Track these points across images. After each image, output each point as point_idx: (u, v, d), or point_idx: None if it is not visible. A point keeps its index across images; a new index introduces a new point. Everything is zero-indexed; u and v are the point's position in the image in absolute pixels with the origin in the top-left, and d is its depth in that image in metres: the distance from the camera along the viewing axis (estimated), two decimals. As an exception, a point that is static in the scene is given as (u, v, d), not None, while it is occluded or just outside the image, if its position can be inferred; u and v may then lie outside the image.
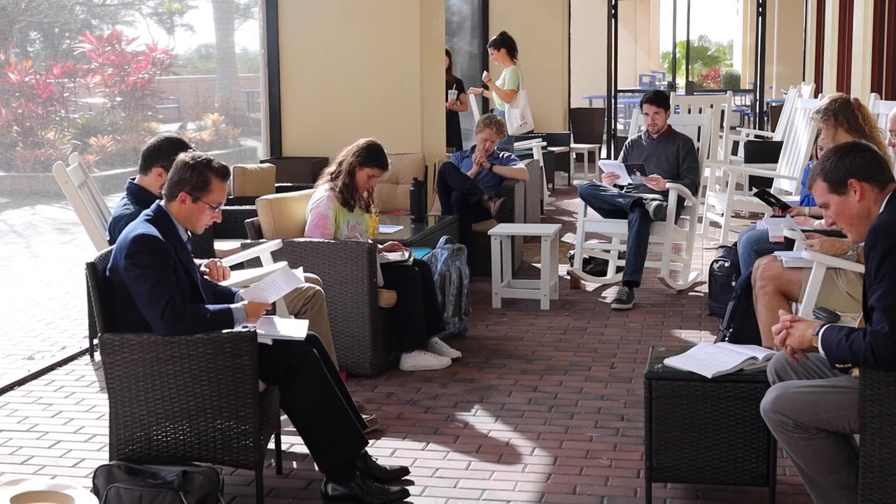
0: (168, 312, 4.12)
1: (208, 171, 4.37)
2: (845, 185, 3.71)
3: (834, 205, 3.76)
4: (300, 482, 4.68)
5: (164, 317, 4.12)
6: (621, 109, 20.51)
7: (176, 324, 4.14)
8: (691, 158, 8.31)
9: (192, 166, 4.37)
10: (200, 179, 4.36)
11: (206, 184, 4.37)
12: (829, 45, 14.14)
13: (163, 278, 4.16)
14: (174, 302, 4.14)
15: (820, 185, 3.78)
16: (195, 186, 4.35)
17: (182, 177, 4.37)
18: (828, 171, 3.76)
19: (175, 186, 4.37)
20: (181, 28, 30.84)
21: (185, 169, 4.37)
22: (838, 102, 6.21)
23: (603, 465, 4.81)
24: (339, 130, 7.57)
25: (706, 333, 6.87)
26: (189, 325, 4.16)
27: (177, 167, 4.40)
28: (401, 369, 6.24)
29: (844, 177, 3.72)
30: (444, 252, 6.86)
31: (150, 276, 4.14)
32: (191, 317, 4.17)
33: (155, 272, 4.15)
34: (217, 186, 4.40)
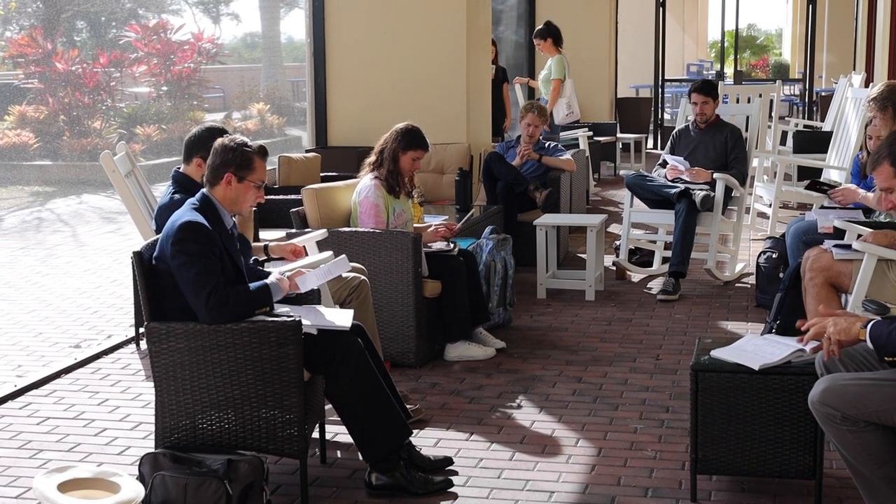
0: (212, 300, 4.15)
1: (249, 150, 4.43)
2: None
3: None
4: (344, 471, 4.69)
5: (208, 304, 4.15)
6: (668, 99, 20.37)
7: (220, 311, 4.16)
8: (739, 149, 8.23)
9: (233, 148, 4.41)
10: (243, 159, 4.40)
11: (250, 162, 4.41)
12: (881, 34, 13.96)
13: (208, 266, 4.18)
14: (218, 289, 4.16)
15: (886, 169, 3.69)
16: (239, 166, 4.39)
17: (225, 159, 4.40)
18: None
19: (219, 170, 4.40)
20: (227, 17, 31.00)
21: (227, 151, 4.41)
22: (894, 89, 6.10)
23: (647, 456, 4.78)
24: (384, 120, 7.54)
25: (753, 325, 6.81)
26: (233, 310, 4.19)
27: (216, 151, 4.43)
28: (445, 359, 6.24)
29: None
30: (490, 242, 6.84)
31: (195, 264, 4.17)
32: (233, 301, 4.20)
33: (201, 259, 4.18)
34: (259, 164, 4.45)
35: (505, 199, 8.41)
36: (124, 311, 7.52)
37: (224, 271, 4.27)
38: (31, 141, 17.63)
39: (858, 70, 16.00)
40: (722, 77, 23.14)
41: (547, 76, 12.23)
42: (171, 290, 4.26)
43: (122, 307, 7.66)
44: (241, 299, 4.24)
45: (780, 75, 29.48)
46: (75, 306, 7.86)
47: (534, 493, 4.45)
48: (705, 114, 8.25)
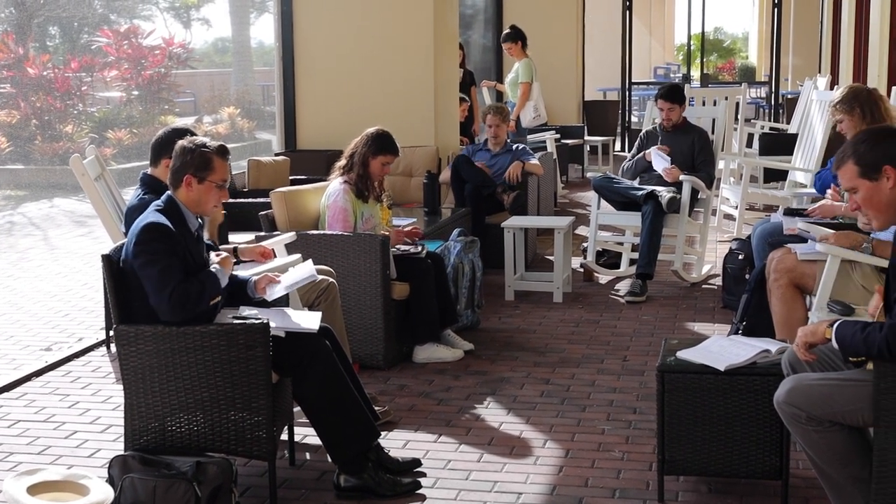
0: (174, 295, 4.16)
1: (207, 150, 4.41)
2: (879, 170, 3.59)
3: (863, 190, 3.65)
4: (313, 473, 4.70)
5: (171, 299, 4.16)
6: (636, 102, 20.47)
7: (183, 303, 4.18)
8: (706, 151, 8.28)
9: (191, 149, 4.41)
10: (202, 160, 4.39)
11: (209, 163, 4.40)
12: (845, 37, 14.09)
13: (170, 265, 4.19)
14: (179, 288, 4.18)
15: (850, 168, 3.65)
16: (198, 167, 4.38)
17: (183, 161, 4.40)
18: (862, 155, 3.63)
19: (179, 172, 4.40)
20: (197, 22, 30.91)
21: (185, 153, 4.41)
22: (859, 92, 6.13)
23: (615, 457, 4.81)
24: (352, 123, 7.55)
25: (720, 326, 6.86)
26: (198, 300, 4.22)
27: (176, 154, 4.44)
28: (413, 361, 6.25)
29: (879, 163, 3.59)
30: (457, 244, 6.86)
31: (157, 263, 4.19)
32: (196, 293, 4.22)
33: (163, 259, 4.19)
34: (219, 164, 4.43)
35: (473, 201, 8.44)
36: (95, 314, 7.49)
37: (187, 272, 4.27)
38: (3, 145, 17.58)
39: (824, 73, 16.13)
40: (688, 80, 23.27)
41: (514, 79, 12.27)
42: (139, 293, 4.26)
43: (93, 310, 7.64)
44: (195, 289, 4.24)
45: (746, 78, 29.66)
46: (46, 309, 7.82)
47: (502, 494, 4.47)
48: (671, 119, 8.29)
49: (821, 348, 3.81)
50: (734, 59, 36.68)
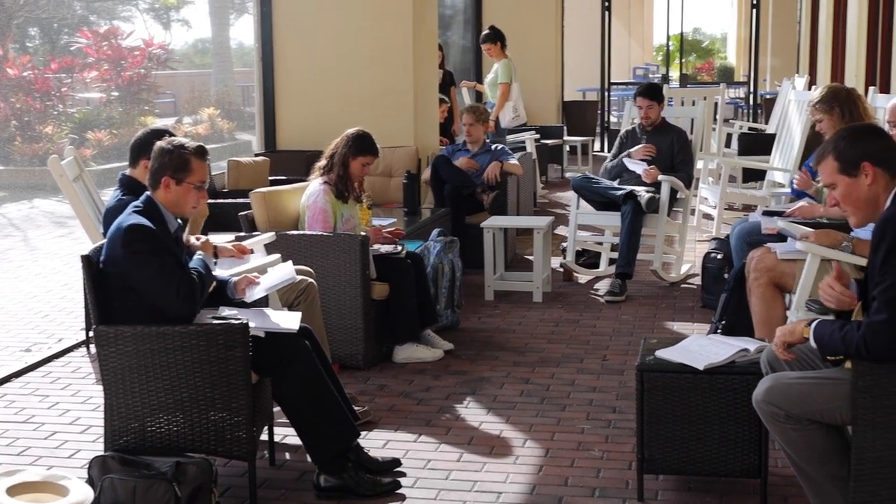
0: (183, 289, 4.21)
1: (185, 151, 4.41)
2: (858, 167, 3.62)
3: (842, 186, 3.66)
4: (293, 473, 4.69)
5: (180, 294, 4.20)
6: (615, 102, 20.51)
7: (193, 297, 4.25)
8: (685, 151, 8.31)
9: (169, 151, 4.40)
10: (180, 161, 4.38)
11: (186, 164, 4.39)
12: (823, 38, 14.16)
13: (165, 262, 4.23)
14: (184, 279, 4.24)
15: (830, 164, 3.67)
16: (176, 168, 4.38)
17: (161, 163, 4.39)
18: (842, 151, 3.65)
19: (157, 174, 4.40)
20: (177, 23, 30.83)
21: (163, 155, 4.40)
22: (838, 91, 6.15)
23: (595, 456, 4.83)
24: (332, 124, 7.54)
25: (699, 325, 6.89)
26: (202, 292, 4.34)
27: (154, 155, 4.43)
28: (393, 361, 6.25)
29: (858, 159, 3.61)
30: (437, 244, 6.87)
31: (153, 262, 4.21)
32: (201, 286, 4.33)
33: (157, 257, 4.20)
34: (197, 165, 4.42)
35: (452, 201, 8.45)
36: (75, 314, 7.47)
37: (174, 274, 4.27)
38: (-17, 146, 17.54)
39: (802, 73, 16.19)
40: (667, 80, 23.40)
41: (494, 80, 12.28)
42: (119, 293, 4.25)
43: (73, 311, 7.61)
44: (197, 283, 4.31)
45: (724, 78, 29.77)
46: (26, 310, 7.79)
47: (482, 493, 4.47)
48: (650, 117, 8.32)
49: (799, 347, 3.82)
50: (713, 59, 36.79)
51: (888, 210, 3.57)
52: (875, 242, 3.52)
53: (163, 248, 4.26)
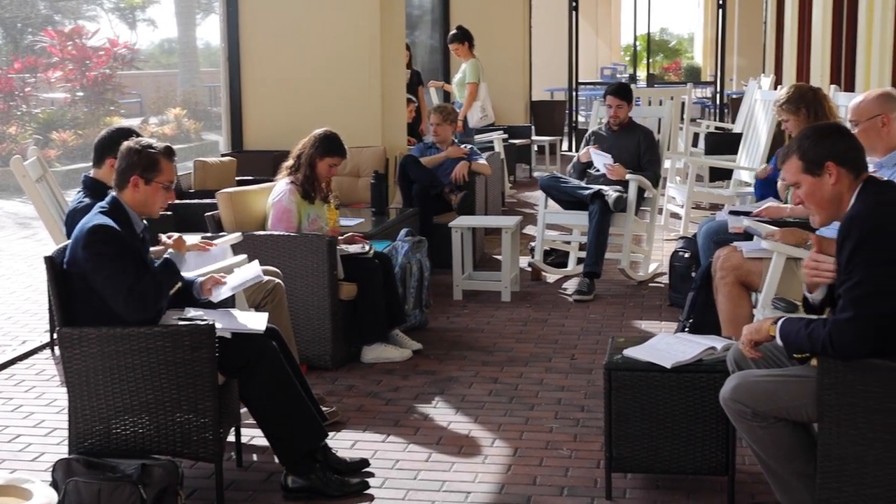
0: (133, 295, 4.14)
1: (154, 151, 4.38)
2: (822, 167, 3.64)
3: (806, 185, 3.69)
4: (260, 475, 4.67)
5: (129, 300, 4.13)
6: (582, 102, 20.55)
7: (144, 303, 4.17)
8: (653, 151, 8.34)
9: (138, 150, 4.36)
10: (149, 161, 4.35)
11: (156, 164, 4.36)
12: (788, 38, 14.24)
13: (122, 265, 4.16)
14: (136, 286, 4.15)
15: (795, 163, 3.70)
16: (145, 168, 4.34)
17: (130, 162, 4.35)
18: (806, 150, 3.67)
19: (125, 173, 4.36)
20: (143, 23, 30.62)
21: (132, 154, 4.37)
22: (804, 92, 6.16)
23: (563, 455, 4.83)
24: (299, 124, 7.52)
25: (666, 324, 6.90)
26: (155, 301, 4.22)
27: (122, 155, 4.39)
28: (362, 362, 6.23)
29: (822, 159, 3.64)
30: (405, 244, 6.85)
31: (109, 265, 4.15)
32: (154, 290, 4.21)
33: (114, 261, 4.16)
34: (166, 165, 4.40)
35: (420, 201, 8.43)
36: (39, 316, 7.41)
37: (138, 276, 4.22)
38: (-54, 146, 17.33)
39: (768, 73, 16.28)
40: (635, 80, 23.46)
41: (461, 80, 12.28)
42: (83, 295, 4.21)
43: (37, 313, 7.54)
44: (153, 287, 4.23)
45: (691, 78, 29.88)
46: (-11, 312, 7.73)
47: (450, 493, 4.46)
48: (618, 117, 8.34)
49: (766, 345, 3.84)
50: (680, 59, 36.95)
51: (852, 209, 3.59)
52: (840, 241, 3.54)
53: (125, 251, 4.20)
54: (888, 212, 3.51)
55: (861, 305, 3.42)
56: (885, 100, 4.92)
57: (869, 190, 3.62)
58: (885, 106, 4.88)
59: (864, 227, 3.46)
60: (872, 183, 3.66)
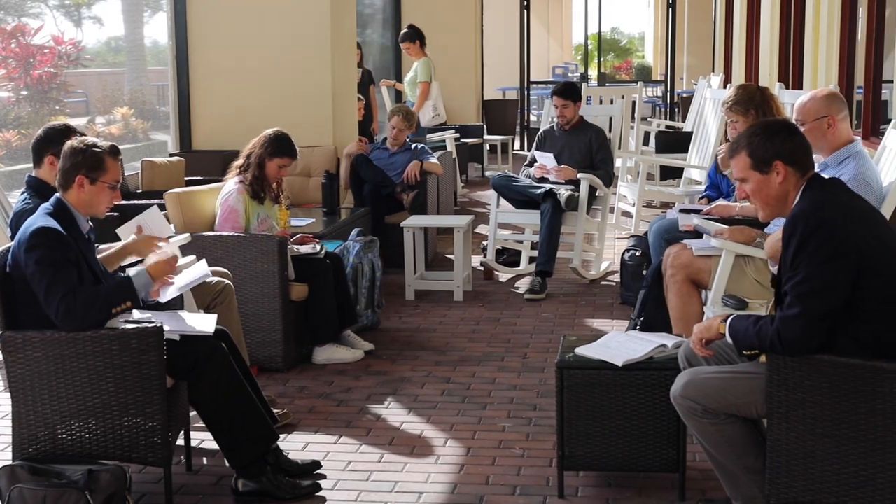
0: (62, 307, 4.03)
1: (99, 150, 4.31)
2: (770, 164, 3.67)
3: (753, 182, 3.72)
4: (210, 478, 4.62)
5: (58, 312, 4.03)
6: (534, 101, 20.61)
7: (72, 316, 4.04)
8: (605, 150, 8.36)
9: (82, 150, 4.29)
10: (94, 160, 4.28)
11: (101, 163, 4.29)
12: (737, 37, 14.37)
13: (62, 273, 4.06)
14: (67, 296, 4.04)
15: (743, 160, 3.73)
16: (90, 167, 4.27)
17: (75, 161, 4.28)
18: (755, 148, 3.71)
19: (69, 173, 4.28)
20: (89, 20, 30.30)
21: (76, 153, 4.29)
22: (752, 93, 6.18)
23: (515, 454, 4.82)
24: (249, 123, 7.48)
25: (618, 322, 6.92)
26: (85, 312, 4.06)
27: (66, 154, 4.31)
28: (313, 363, 6.19)
29: (771, 157, 3.67)
30: (357, 244, 6.82)
31: (48, 272, 4.05)
32: (83, 303, 4.06)
33: (54, 266, 4.06)
34: (111, 164, 4.33)
35: (372, 201, 8.40)
36: (-19, 321, 7.27)
37: (82, 278, 4.16)
38: None
39: (717, 71, 16.42)
40: (586, 79, 23.54)
41: (413, 79, 12.26)
42: (26, 298, 4.13)
43: (-21, 317, 7.41)
44: (93, 300, 4.10)
45: (642, 77, 30.06)
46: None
47: (403, 494, 4.44)
48: (566, 116, 8.35)
49: (717, 343, 3.85)
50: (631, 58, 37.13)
51: (797, 207, 3.63)
52: (785, 238, 3.57)
53: (67, 255, 4.11)
54: (832, 209, 3.55)
55: (807, 302, 3.44)
56: (831, 101, 4.95)
57: (814, 188, 3.66)
58: (832, 107, 4.92)
59: (808, 224, 3.49)
60: (817, 181, 3.70)
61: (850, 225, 3.51)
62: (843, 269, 3.44)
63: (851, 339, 3.49)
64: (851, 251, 3.45)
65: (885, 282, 3.48)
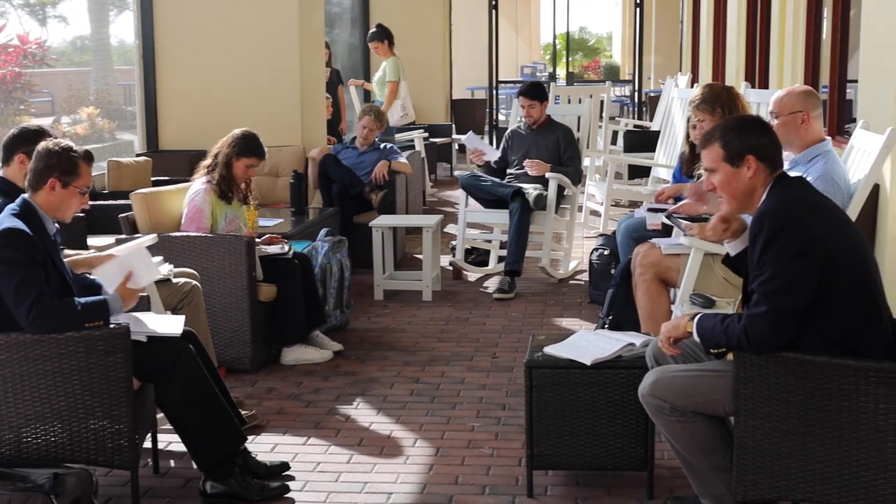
0: (35, 310, 3.98)
1: (75, 155, 4.28)
2: (742, 158, 3.69)
3: (723, 174, 3.74)
4: (178, 481, 4.59)
5: (30, 314, 3.99)
6: (503, 100, 20.63)
7: (43, 321, 4.00)
8: (573, 148, 8.38)
9: (58, 152, 4.26)
10: (69, 164, 4.25)
11: (75, 168, 4.26)
12: (704, 37, 14.43)
13: (30, 274, 4.02)
14: (41, 299, 4.00)
15: (716, 150, 3.74)
16: (64, 171, 4.24)
17: (49, 163, 4.24)
18: (729, 140, 3.72)
19: (42, 174, 4.24)
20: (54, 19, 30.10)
21: (52, 155, 4.25)
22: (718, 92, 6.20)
23: (485, 454, 4.82)
24: (217, 123, 7.44)
25: (587, 321, 6.94)
26: (58, 321, 4.03)
27: (40, 155, 4.27)
28: (282, 364, 6.17)
29: (744, 150, 3.69)
30: (325, 244, 6.80)
31: (17, 273, 4.01)
32: (58, 312, 4.03)
33: (22, 268, 4.02)
34: (85, 170, 4.30)
35: (340, 201, 8.38)
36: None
37: (49, 279, 4.12)
38: None
39: (684, 71, 16.48)
40: (554, 78, 23.59)
41: (382, 78, 12.24)
42: (-9, 300, 4.09)
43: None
44: (69, 313, 4.07)
45: (610, 76, 30.15)
46: None
47: (372, 494, 4.43)
48: (532, 116, 8.37)
49: (684, 342, 3.87)
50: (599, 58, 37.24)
51: (764, 205, 3.64)
52: (752, 236, 3.58)
53: (34, 256, 4.07)
54: (798, 208, 3.57)
55: (774, 299, 3.46)
56: (808, 98, 5.01)
57: (781, 186, 3.68)
58: (807, 104, 4.98)
59: (775, 222, 3.51)
60: (784, 180, 3.72)
61: (816, 223, 3.53)
62: (809, 266, 3.46)
63: (818, 337, 3.51)
64: (817, 249, 3.47)
65: (850, 280, 3.51)
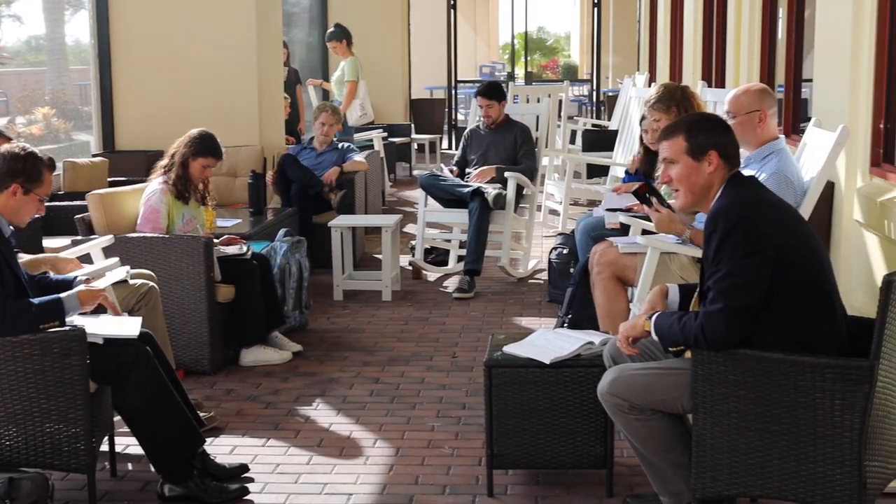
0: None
1: (40, 162, 4.25)
2: (705, 153, 3.71)
3: (683, 167, 3.75)
4: (136, 484, 4.55)
5: None
6: (462, 100, 20.66)
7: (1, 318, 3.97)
8: (528, 145, 8.40)
9: (24, 158, 4.22)
10: (34, 171, 4.23)
11: (39, 175, 4.25)
12: (661, 37, 14.50)
13: None
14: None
15: (679, 143, 3.76)
16: (28, 178, 4.22)
17: (13, 168, 4.20)
18: (693, 134, 3.74)
19: (5, 178, 4.21)
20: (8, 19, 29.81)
21: (16, 160, 4.21)
22: (673, 91, 6.23)
23: (445, 454, 4.82)
24: (174, 123, 7.39)
25: (546, 320, 6.95)
26: (13, 323, 3.99)
27: (3, 159, 4.23)
28: (240, 365, 6.14)
29: (708, 146, 3.71)
30: (283, 245, 6.77)
31: None
32: (14, 314, 4.00)
33: None
34: (48, 178, 4.29)
35: (299, 201, 8.35)
36: None
37: (3, 280, 4.08)
38: None
39: (642, 70, 16.56)
40: (513, 78, 23.63)
41: (340, 78, 12.21)
42: (-57, 303, 4.04)
43: None
44: (23, 314, 4.04)
45: (568, 76, 30.26)
46: None
47: (332, 496, 4.42)
48: (490, 116, 8.39)
49: (643, 340, 3.88)
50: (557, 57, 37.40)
51: (717, 203, 3.67)
52: (708, 233, 3.61)
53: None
54: (751, 206, 3.60)
55: (729, 297, 3.48)
56: (763, 96, 5.05)
57: (734, 185, 3.72)
58: (763, 102, 5.01)
59: (728, 220, 3.54)
60: (738, 178, 3.75)
61: (769, 221, 3.56)
62: (761, 264, 3.49)
63: (773, 334, 3.53)
64: (769, 247, 3.49)
65: (802, 277, 3.54)
